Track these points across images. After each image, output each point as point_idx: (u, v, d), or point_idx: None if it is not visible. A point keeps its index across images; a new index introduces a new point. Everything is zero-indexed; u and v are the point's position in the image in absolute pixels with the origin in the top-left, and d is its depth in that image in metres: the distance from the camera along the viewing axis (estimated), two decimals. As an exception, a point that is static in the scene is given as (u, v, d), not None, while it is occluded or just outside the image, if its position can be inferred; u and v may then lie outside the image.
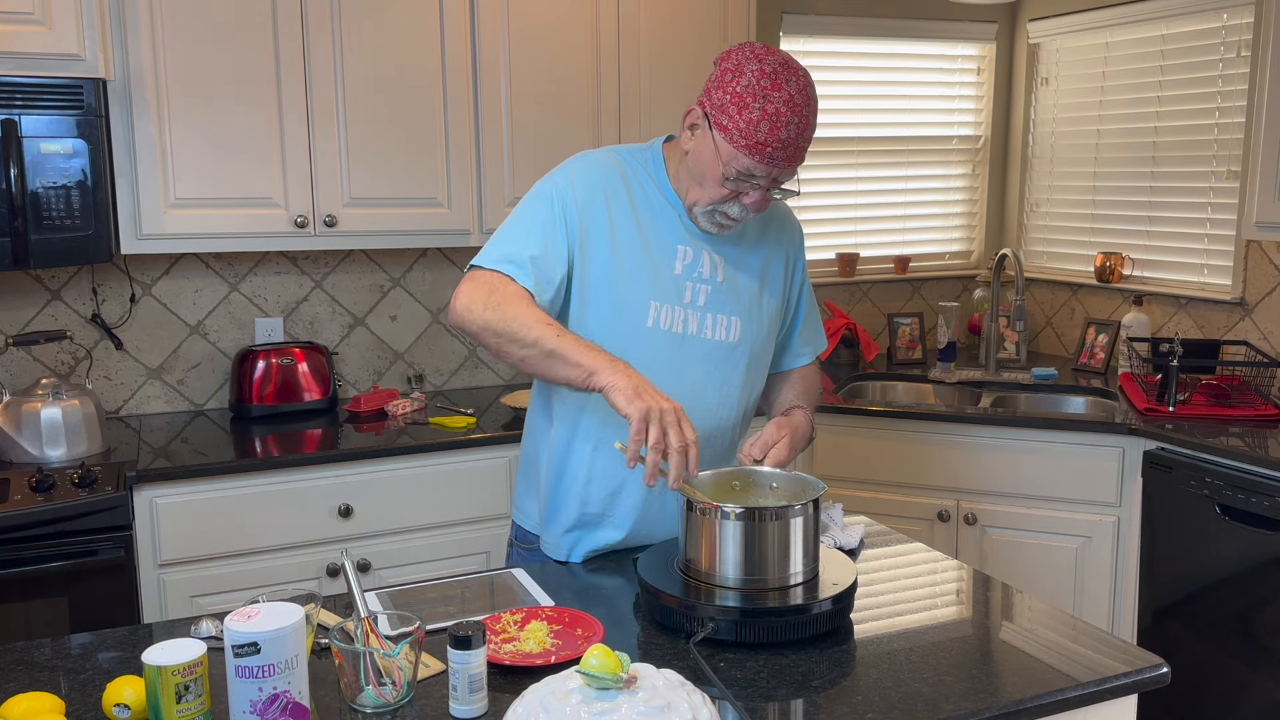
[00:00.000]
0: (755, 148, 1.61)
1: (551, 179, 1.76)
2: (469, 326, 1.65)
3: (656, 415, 1.50)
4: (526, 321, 1.60)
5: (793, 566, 1.52)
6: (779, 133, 1.60)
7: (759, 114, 1.60)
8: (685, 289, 1.76)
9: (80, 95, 2.49)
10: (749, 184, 1.66)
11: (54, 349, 2.94)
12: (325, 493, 2.67)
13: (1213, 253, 3.43)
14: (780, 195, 1.72)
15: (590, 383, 1.56)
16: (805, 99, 1.63)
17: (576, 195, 1.73)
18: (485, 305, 1.63)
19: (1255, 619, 2.60)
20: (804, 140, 1.64)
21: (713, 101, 1.65)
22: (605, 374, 1.54)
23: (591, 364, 1.56)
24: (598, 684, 1.12)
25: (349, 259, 3.25)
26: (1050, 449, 3.02)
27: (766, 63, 1.62)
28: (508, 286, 1.65)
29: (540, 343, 1.58)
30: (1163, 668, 1.43)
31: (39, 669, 1.43)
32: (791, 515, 1.51)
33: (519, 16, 2.99)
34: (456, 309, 1.66)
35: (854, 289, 4.01)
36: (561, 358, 1.57)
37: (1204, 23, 3.43)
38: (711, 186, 1.68)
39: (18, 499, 2.33)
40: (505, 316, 1.61)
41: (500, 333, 1.61)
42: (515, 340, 1.60)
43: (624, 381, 1.53)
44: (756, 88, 1.60)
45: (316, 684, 1.37)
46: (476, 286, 1.66)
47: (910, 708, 1.31)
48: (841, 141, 3.95)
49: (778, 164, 1.63)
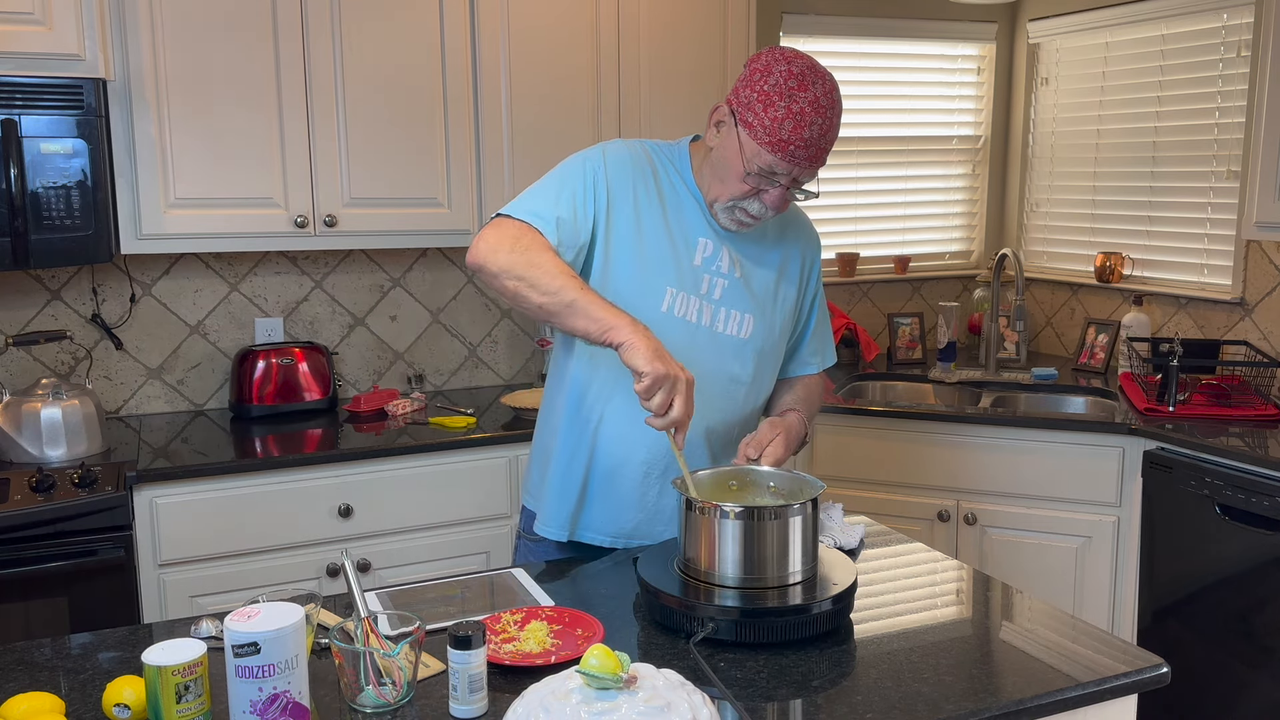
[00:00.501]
0: (778, 145, 1.64)
1: (584, 153, 1.79)
2: (490, 266, 1.64)
3: (670, 383, 1.53)
4: (550, 270, 1.61)
5: (791, 565, 1.52)
6: (802, 132, 1.63)
7: (784, 112, 1.63)
8: (703, 280, 1.78)
9: (80, 95, 2.49)
10: (770, 181, 1.69)
11: (54, 349, 2.94)
12: (325, 493, 2.67)
13: (1213, 253, 3.43)
14: (801, 196, 1.75)
15: (607, 337, 1.57)
16: (830, 101, 1.66)
17: (608, 171, 1.75)
18: (511, 248, 1.63)
19: (1255, 619, 2.60)
20: (826, 141, 1.67)
21: (740, 99, 1.68)
22: (625, 331, 1.56)
23: (612, 319, 1.57)
24: (598, 684, 1.12)
25: (349, 259, 3.25)
26: (1050, 449, 3.02)
27: (795, 64, 1.66)
28: (535, 235, 1.66)
29: (562, 292, 1.59)
30: (1163, 668, 1.43)
31: (39, 669, 1.43)
32: (790, 514, 1.51)
33: (519, 16, 2.99)
34: (479, 249, 1.66)
35: (854, 289, 4.01)
36: (582, 310, 1.58)
37: (1204, 23, 3.43)
38: (733, 182, 1.71)
39: (18, 499, 2.33)
40: (530, 261, 1.62)
41: (522, 276, 1.61)
42: (536, 286, 1.61)
43: (643, 342, 1.54)
44: (783, 87, 1.63)
45: (316, 684, 1.37)
46: (503, 231, 1.66)
47: (910, 708, 1.31)
48: (842, 141, 3.94)
49: (799, 163, 1.66)
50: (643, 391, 1.53)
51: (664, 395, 1.53)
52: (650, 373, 1.51)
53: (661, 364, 1.52)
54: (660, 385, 1.52)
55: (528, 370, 3.53)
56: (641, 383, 1.52)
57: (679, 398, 1.54)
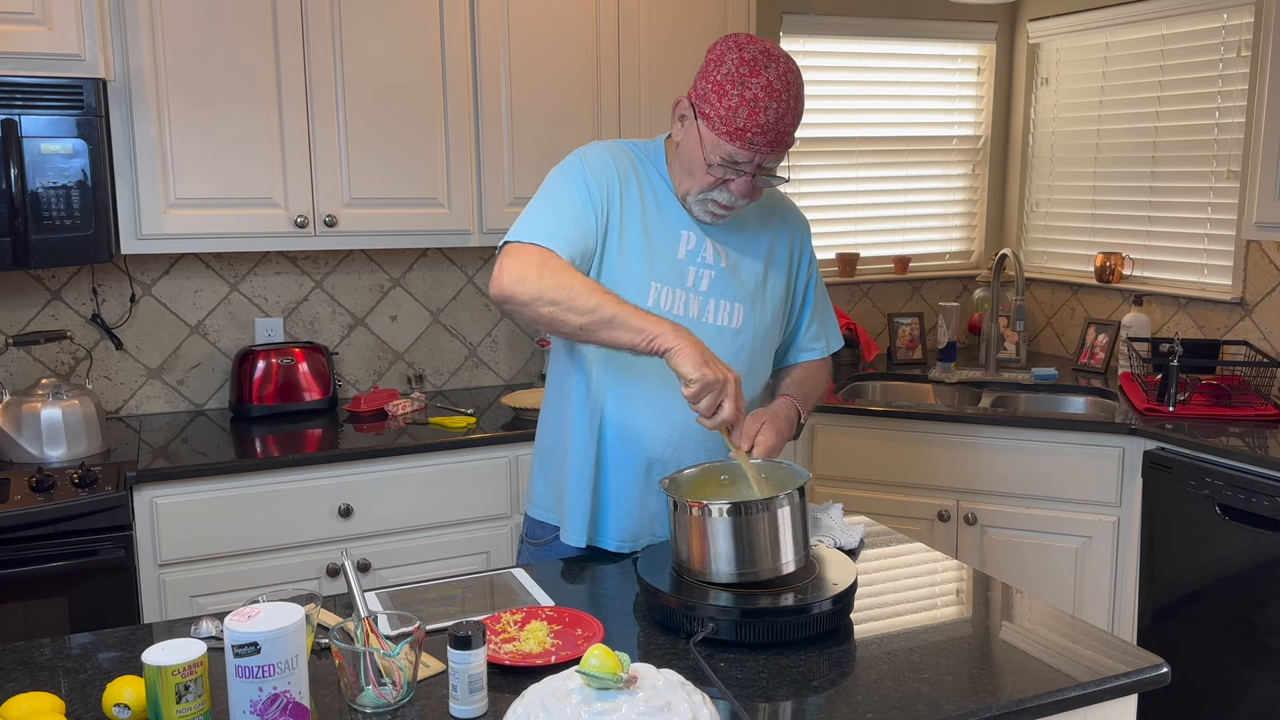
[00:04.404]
0: (735, 134, 1.65)
1: (565, 164, 1.79)
2: (521, 296, 1.64)
3: (718, 387, 1.55)
4: (583, 290, 1.62)
5: (784, 556, 1.53)
6: (758, 118, 1.64)
7: (737, 100, 1.64)
8: (688, 273, 1.79)
9: (80, 95, 2.49)
10: (734, 170, 1.70)
11: (54, 349, 2.94)
12: (325, 493, 2.67)
13: (1213, 253, 3.43)
14: (770, 183, 1.74)
15: (654, 345, 1.58)
16: (785, 84, 1.65)
17: (594, 175, 1.76)
18: (539, 275, 1.63)
19: (1255, 619, 2.60)
20: (785, 125, 1.67)
21: (697, 91, 1.70)
22: (670, 337, 1.57)
23: (655, 328, 1.59)
24: (598, 684, 1.12)
25: (349, 259, 3.25)
26: (1050, 449, 3.02)
27: (746, 50, 1.66)
28: (555, 258, 1.66)
29: (600, 309, 1.60)
30: (1163, 668, 1.43)
31: (39, 669, 1.43)
32: (778, 506, 1.52)
33: (519, 17, 2.99)
34: (505, 282, 1.65)
35: (854, 289, 4.01)
36: (624, 324, 1.60)
37: (1204, 23, 3.43)
38: (699, 175, 1.72)
39: (18, 499, 2.33)
40: (561, 284, 1.62)
41: (557, 300, 1.62)
42: (573, 308, 1.61)
43: (690, 348, 1.56)
44: (735, 75, 1.65)
45: (316, 684, 1.37)
46: (524, 259, 1.66)
47: (910, 708, 1.31)
48: (841, 141, 3.95)
49: (758, 149, 1.67)
50: (691, 397, 1.56)
51: (712, 399, 1.56)
52: (698, 379, 1.54)
53: (709, 369, 1.55)
54: (709, 390, 1.55)
55: (528, 370, 3.53)
56: (690, 389, 1.55)
57: (728, 400, 1.57)
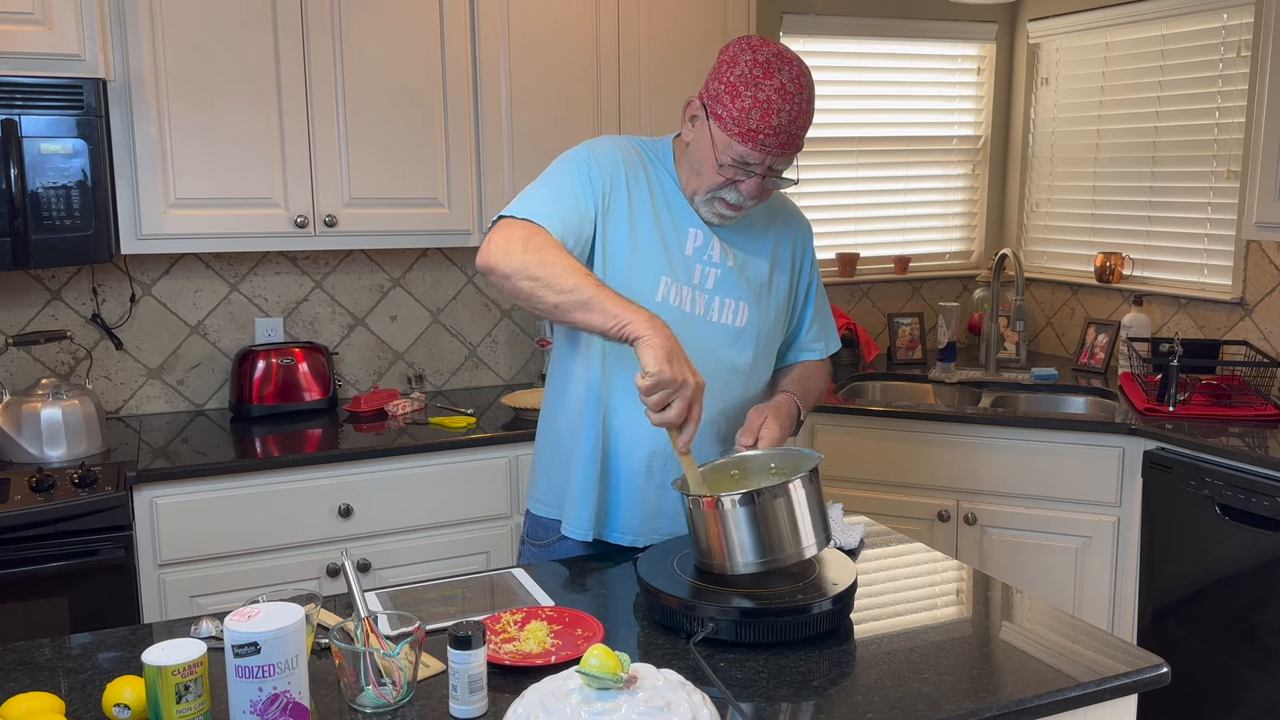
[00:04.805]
0: (747, 135, 1.65)
1: (573, 152, 1.79)
2: (503, 267, 1.63)
3: (673, 386, 1.52)
4: (565, 268, 1.60)
5: (805, 539, 1.53)
6: (770, 119, 1.64)
7: (750, 101, 1.64)
8: (695, 270, 1.79)
9: (80, 95, 2.49)
10: (744, 171, 1.70)
11: (54, 349, 2.94)
12: (325, 493, 2.67)
13: (1213, 253, 3.43)
14: (779, 184, 1.75)
15: (625, 332, 1.56)
16: (798, 87, 1.66)
17: (601, 165, 1.76)
18: (524, 249, 1.62)
19: (1255, 619, 2.60)
20: (797, 128, 1.67)
21: (709, 92, 1.70)
22: (641, 326, 1.55)
23: (629, 315, 1.56)
24: (598, 684, 1.12)
25: (349, 259, 3.25)
26: (1050, 449, 3.02)
27: (760, 52, 1.66)
28: (544, 235, 1.66)
29: (578, 290, 1.59)
30: (1163, 668, 1.43)
31: (39, 669, 1.43)
32: (793, 489, 1.52)
33: (519, 17, 2.99)
34: (490, 252, 1.65)
35: (854, 289, 4.01)
36: (598, 307, 1.57)
37: (1204, 23, 3.43)
38: (709, 174, 1.72)
39: (18, 499, 2.33)
40: (544, 260, 1.61)
41: (537, 276, 1.61)
42: (551, 285, 1.60)
43: (660, 341, 1.53)
44: (749, 76, 1.65)
45: (316, 684, 1.37)
46: (512, 232, 1.66)
47: (910, 708, 1.31)
48: (841, 141, 3.95)
49: (770, 150, 1.67)
50: (644, 389, 1.52)
51: (663, 396, 1.52)
52: (656, 373, 1.51)
53: (670, 367, 1.51)
54: (663, 387, 1.51)
55: (528, 370, 3.53)
56: (645, 380, 1.52)
57: (680, 401, 1.53)
